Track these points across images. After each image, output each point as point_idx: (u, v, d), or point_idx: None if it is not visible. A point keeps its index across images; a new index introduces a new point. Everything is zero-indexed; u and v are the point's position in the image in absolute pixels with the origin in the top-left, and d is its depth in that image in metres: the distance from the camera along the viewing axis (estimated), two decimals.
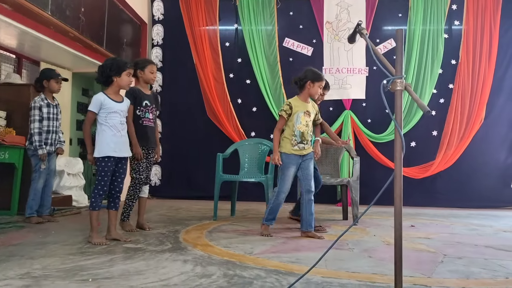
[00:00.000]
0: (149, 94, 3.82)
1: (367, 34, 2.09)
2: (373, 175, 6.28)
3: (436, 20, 6.93)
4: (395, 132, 1.63)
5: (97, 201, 3.14)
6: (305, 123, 3.59)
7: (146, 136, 3.72)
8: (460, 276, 2.39)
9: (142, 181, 3.71)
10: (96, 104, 3.15)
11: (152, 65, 3.82)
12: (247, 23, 7.13)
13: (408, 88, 1.61)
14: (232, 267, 2.47)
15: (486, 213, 5.94)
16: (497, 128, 6.82)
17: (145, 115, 3.72)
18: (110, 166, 3.14)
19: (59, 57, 5.74)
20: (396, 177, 1.63)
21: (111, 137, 3.15)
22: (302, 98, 3.63)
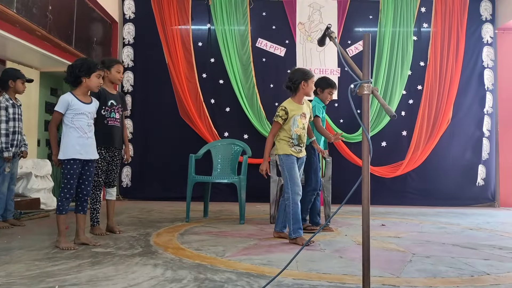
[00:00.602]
0: (115, 93, 3.76)
1: (336, 37, 2.11)
2: (345, 174, 6.34)
3: (405, 23, 7.07)
4: (362, 136, 1.65)
5: (63, 204, 3.07)
6: (302, 126, 3.50)
7: (111, 136, 3.66)
8: (428, 275, 2.44)
9: (100, 183, 3.65)
10: (63, 104, 3.08)
11: (119, 65, 3.76)
12: (220, 23, 7.09)
13: (375, 92, 1.63)
14: (203, 270, 2.45)
15: (454, 211, 6.10)
16: (463, 128, 7.02)
17: (110, 115, 3.65)
18: (76, 168, 3.07)
19: (26, 56, 5.57)
20: (363, 179, 1.65)
21: (77, 139, 3.08)
22: (297, 100, 3.53)
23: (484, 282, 2.31)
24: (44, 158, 6.19)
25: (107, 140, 3.61)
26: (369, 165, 1.63)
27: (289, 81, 3.54)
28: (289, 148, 3.47)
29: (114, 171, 3.77)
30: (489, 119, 7.01)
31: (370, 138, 5.83)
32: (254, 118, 6.95)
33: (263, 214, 5.29)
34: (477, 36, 7.10)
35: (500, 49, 7.09)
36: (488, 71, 7.05)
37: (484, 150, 6.96)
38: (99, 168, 3.60)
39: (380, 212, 5.73)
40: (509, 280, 2.37)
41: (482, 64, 7.07)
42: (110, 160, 3.72)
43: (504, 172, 6.94)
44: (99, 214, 3.69)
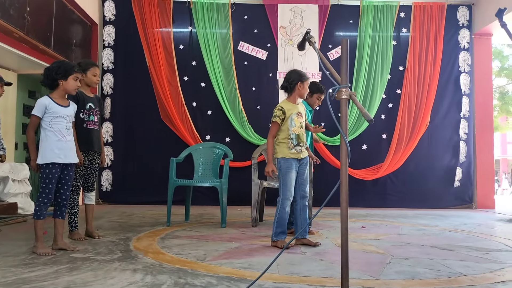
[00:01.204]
0: (92, 96, 3.71)
1: (315, 42, 2.13)
2: (326, 177, 6.39)
3: (385, 27, 7.18)
4: (341, 140, 1.67)
5: (41, 209, 3.01)
6: (299, 125, 3.49)
7: (91, 140, 3.61)
8: (406, 276, 2.48)
9: (79, 188, 3.60)
10: (40, 108, 3.03)
11: (95, 68, 3.70)
12: (202, 26, 7.08)
13: (353, 97, 1.65)
14: (183, 275, 2.43)
15: (433, 213, 6.20)
16: (441, 131, 7.15)
17: (89, 118, 3.61)
18: (54, 173, 3.02)
19: (3, 58, 5.47)
20: (342, 182, 1.67)
21: (55, 142, 3.03)
22: (292, 100, 3.54)
23: (460, 283, 2.35)
24: (22, 161, 6.08)
25: (86, 144, 3.56)
26: (347, 168, 1.65)
27: (285, 81, 3.56)
28: (289, 150, 3.42)
29: (92, 175, 3.72)
30: (466, 122, 7.16)
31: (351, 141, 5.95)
32: (236, 121, 6.96)
33: (245, 218, 5.29)
34: (454, 42, 7.26)
35: (476, 54, 7.26)
36: (465, 76, 7.21)
37: (461, 153, 7.11)
38: (77, 173, 3.55)
39: (361, 215, 5.78)
40: (485, 280, 2.42)
41: (459, 69, 7.23)
42: (89, 164, 3.67)
43: (481, 174, 7.10)
44: (77, 218, 3.63)
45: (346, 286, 1.61)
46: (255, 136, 6.94)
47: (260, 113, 7.07)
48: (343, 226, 1.66)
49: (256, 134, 6.95)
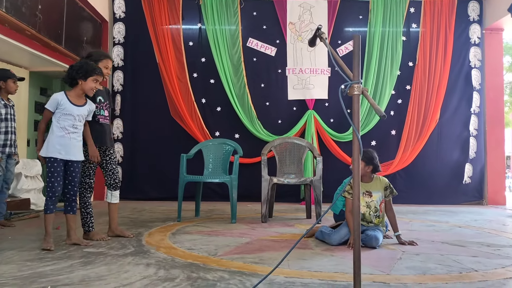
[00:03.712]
0: (101, 89, 3.52)
1: (326, 38, 2.13)
2: (335, 173, 6.39)
3: (395, 23, 7.14)
4: (353, 135, 1.68)
5: (48, 204, 3.06)
6: (364, 204, 3.34)
7: (104, 135, 3.48)
8: (417, 272, 2.48)
9: (91, 185, 3.46)
10: (53, 103, 3.11)
11: (108, 60, 3.55)
12: (211, 22, 7.10)
13: (365, 93, 1.66)
14: (195, 269, 2.46)
15: (443, 209, 6.18)
16: (451, 127, 7.11)
17: (100, 112, 3.46)
18: (57, 167, 3.06)
19: (15, 56, 5.53)
20: (354, 177, 1.68)
21: (58, 138, 3.07)
22: (364, 180, 3.39)
23: (472, 279, 2.36)
24: (34, 158, 6.15)
25: (99, 139, 3.44)
26: (359, 164, 1.66)
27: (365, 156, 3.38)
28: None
29: (114, 170, 3.53)
30: (476, 118, 7.10)
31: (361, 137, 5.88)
32: (245, 117, 6.97)
33: (254, 214, 5.32)
34: (465, 37, 7.20)
35: (487, 49, 7.19)
36: (475, 71, 7.15)
37: (471, 149, 7.06)
38: (91, 169, 3.43)
39: None
40: (496, 276, 2.42)
41: (469, 64, 7.17)
42: (108, 160, 3.51)
43: (492, 170, 7.05)
44: (93, 218, 3.48)
45: (358, 281, 1.63)
46: (264, 132, 6.96)
47: (269, 110, 7.08)
48: (355, 221, 1.67)
49: (265, 130, 6.97)
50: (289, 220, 4.85)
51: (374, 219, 3.35)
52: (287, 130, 6.99)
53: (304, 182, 4.79)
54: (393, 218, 3.41)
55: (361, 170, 3.31)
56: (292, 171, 5.06)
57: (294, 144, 5.13)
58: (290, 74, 7.09)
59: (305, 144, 5.18)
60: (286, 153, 5.10)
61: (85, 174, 3.44)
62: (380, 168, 3.43)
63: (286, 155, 5.10)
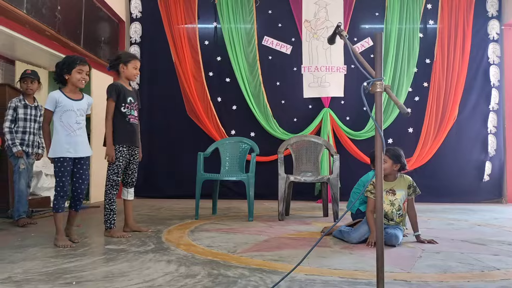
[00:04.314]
0: (131, 90, 3.63)
1: (347, 36, 2.13)
2: (351, 171, 6.37)
3: (411, 19, 7.07)
4: (375, 133, 1.67)
5: (59, 203, 3.07)
6: (388, 202, 3.32)
7: (134, 135, 3.56)
8: (438, 270, 2.47)
9: (118, 183, 3.51)
10: (51, 101, 3.09)
11: (136, 61, 3.62)
12: (226, 21, 7.12)
13: (388, 90, 1.66)
14: (216, 266, 2.49)
15: (461, 208, 6.11)
16: (470, 125, 7.02)
17: (130, 112, 3.54)
18: (66, 166, 3.06)
19: (35, 56, 5.63)
20: (377, 175, 1.68)
21: (65, 137, 3.07)
22: (389, 179, 3.36)
23: (494, 277, 2.33)
24: None
25: (129, 139, 3.51)
26: (382, 161, 1.66)
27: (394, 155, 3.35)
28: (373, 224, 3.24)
29: (134, 170, 3.66)
30: (495, 115, 7.00)
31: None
32: (260, 116, 6.99)
33: (271, 212, 5.33)
34: (483, 33, 7.09)
35: (506, 45, 7.08)
36: (494, 68, 7.04)
37: (490, 146, 6.96)
38: (119, 167, 3.48)
39: None
40: None
41: (488, 61, 7.06)
42: (131, 159, 3.60)
43: None
44: (115, 215, 3.51)
45: (381, 278, 1.63)
46: (279, 130, 6.96)
47: (284, 108, 7.08)
48: (378, 219, 1.67)
49: (280, 128, 6.97)
50: (306, 218, 4.85)
51: (396, 217, 3.33)
52: (302, 128, 6.98)
53: (321, 180, 4.78)
54: (414, 217, 3.39)
55: (388, 169, 3.30)
56: (309, 169, 5.06)
57: (310, 142, 5.13)
58: (306, 72, 7.08)
59: (321, 142, 5.17)
60: (302, 151, 5.10)
61: (114, 172, 3.48)
62: (407, 166, 3.40)
63: (302, 153, 5.10)
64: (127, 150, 3.53)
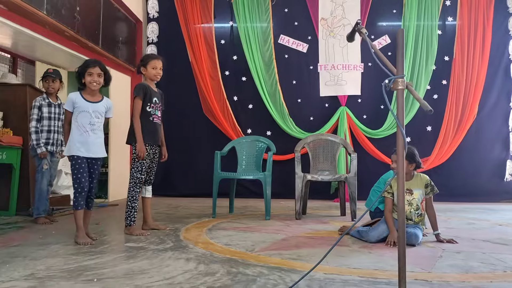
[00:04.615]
0: (156, 91, 3.76)
1: (366, 33, 2.11)
2: (369, 170, 6.32)
3: (430, 16, 6.97)
4: (397, 131, 1.65)
5: (77, 199, 3.13)
6: (406, 202, 3.26)
7: (156, 134, 3.67)
8: (460, 270, 2.43)
9: (142, 181, 3.58)
10: (68, 102, 3.18)
11: (155, 60, 3.68)
12: (242, 20, 7.13)
13: (410, 87, 1.64)
14: (234, 264, 2.49)
15: (481, 207, 6.01)
16: (490, 123, 6.90)
17: (155, 112, 3.66)
18: (81, 163, 3.13)
19: (54, 56, 5.71)
20: (398, 174, 1.66)
21: (78, 136, 3.15)
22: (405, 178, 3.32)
23: None
24: None
25: (152, 138, 3.61)
26: (404, 160, 1.64)
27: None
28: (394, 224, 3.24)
29: (154, 169, 3.76)
30: None
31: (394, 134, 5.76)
32: (277, 115, 6.98)
33: (288, 210, 5.32)
34: (504, 29, 6.96)
35: None
36: None
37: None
38: (143, 165, 3.55)
39: None
40: None
41: (509, 58, 6.93)
42: (153, 158, 3.71)
43: None
44: (136, 213, 3.58)
45: (403, 277, 1.61)
46: (296, 129, 6.94)
47: (301, 106, 7.06)
48: (400, 218, 1.65)
49: (297, 127, 6.95)
50: (323, 217, 4.83)
51: (415, 217, 3.29)
52: (319, 127, 6.95)
53: (338, 179, 4.75)
54: (433, 216, 3.34)
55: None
56: (326, 168, 5.03)
57: (327, 140, 5.10)
58: (322, 71, 7.04)
59: (339, 140, 5.14)
60: (319, 150, 5.08)
61: (137, 170, 3.55)
62: (422, 164, 3.36)
63: (319, 152, 5.07)
64: (150, 148, 3.63)
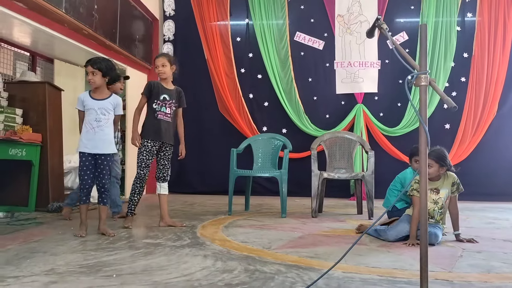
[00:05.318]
0: (171, 88, 3.83)
1: (387, 29, 2.08)
2: (386, 168, 6.24)
3: (448, 12, 6.86)
4: (420, 128, 1.62)
5: (81, 195, 3.30)
6: (432, 201, 3.23)
7: (159, 130, 3.71)
8: (481, 270, 2.39)
9: (141, 176, 3.69)
10: (78, 102, 3.33)
11: (155, 59, 3.83)
12: (258, 17, 7.11)
13: (433, 83, 1.60)
14: (252, 262, 2.48)
15: (501, 206, 5.91)
16: (510, 122, 6.76)
17: (161, 109, 3.72)
18: (85, 161, 3.24)
19: (72, 54, 5.78)
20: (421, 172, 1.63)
21: (85, 133, 3.26)
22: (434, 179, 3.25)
23: None
24: None
25: (153, 133, 3.69)
26: (426, 157, 1.61)
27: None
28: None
29: (165, 166, 3.83)
30: None
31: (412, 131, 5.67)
32: (292, 112, 6.95)
33: (303, 208, 5.30)
34: None
35: None
36: None
37: None
38: (143, 161, 3.67)
39: None
40: None
41: None
42: (162, 155, 3.79)
43: None
44: (135, 206, 3.73)
45: (425, 277, 1.58)
46: (311, 127, 6.91)
47: (316, 104, 7.03)
48: (422, 217, 1.62)
49: (312, 125, 6.92)
50: (339, 215, 4.80)
51: (437, 215, 3.24)
52: (335, 124, 6.90)
53: (355, 177, 4.71)
54: (456, 215, 3.29)
55: (434, 173, 3.16)
56: (343, 166, 4.99)
57: (344, 138, 5.06)
58: (338, 68, 6.99)
59: (355, 138, 5.09)
60: (336, 148, 5.04)
61: (138, 165, 3.73)
62: (452, 167, 3.27)
63: (336, 149, 5.04)
64: (152, 145, 3.70)
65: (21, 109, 4.71)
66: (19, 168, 4.62)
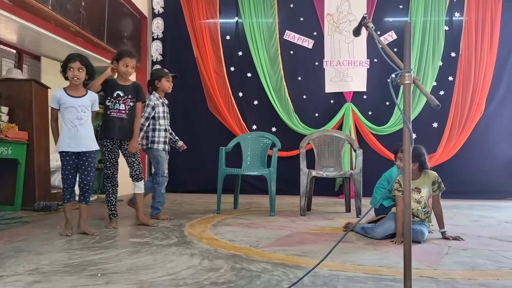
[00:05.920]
0: (126, 84, 3.66)
1: (373, 27, 2.09)
2: (374, 167, 6.26)
3: (437, 12, 6.91)
4: (404, 127, 1.63)
5: (64, 194, 3.26)
6: (414, 200, 3.27)
7: (112, 128, 3.59)
8: (466, 267, 2.41)
9: (109, 176, 3.64)
10: (53, 100, 3.24)
11: (126, 58, 3.61)
12: (248, 16, 7.10)
13: (417, 82, 1.61)
14: (239, 260, 2.48)
15: (487, 204, 5.97)
16: (497, 119, 6.83)
17: (114, 106, 3.59)
18: (69, 160, 3.20)
19: (60, 52, 5.70)
20: (405, 171, 1.64)
21: (67, 132, 3.20)
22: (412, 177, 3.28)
23: None
24: None
25: (108, 132, 3.61)
26: (410, 156, 1.62)
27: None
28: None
29: (133, 163, 3.70)
30: None
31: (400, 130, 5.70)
32: (282, 111, 6.95)
33: (292, 207, 5.30)
34: None
35: None
36: None
37: None
38: (107, 160, 3.62)
39: None
40: None
41: None
42: (125, 153, 3.69)
43: None
44: (114, 206, 3.69)
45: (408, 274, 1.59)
46: (301, 125, 6.92)
47: (306, 103, 7.04)
48: (406, 214, 1.63)
49: (302, 123, 6.93)
50: (328, 213, 4.81)
51: (421, 214, 3.27)
52: (324, 123, 6.92)
53: (343, 175, 4.73)
54: (440, 214, 3.31)
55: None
56: (331, 164, 5.01)
57: (333, 137, 5.08)
58: (328, 67, 7.01)
59: (344, 137, 5.11)
60: (324, 146, 5.05)
61: (103, 166, 3.68)
62: (428, 165, 3.30)
63: (324, 148, 5.05)
64: (111, 143, 3.64)
65: (6, 107, 4.65)
66: (4, 166, 4.56)
